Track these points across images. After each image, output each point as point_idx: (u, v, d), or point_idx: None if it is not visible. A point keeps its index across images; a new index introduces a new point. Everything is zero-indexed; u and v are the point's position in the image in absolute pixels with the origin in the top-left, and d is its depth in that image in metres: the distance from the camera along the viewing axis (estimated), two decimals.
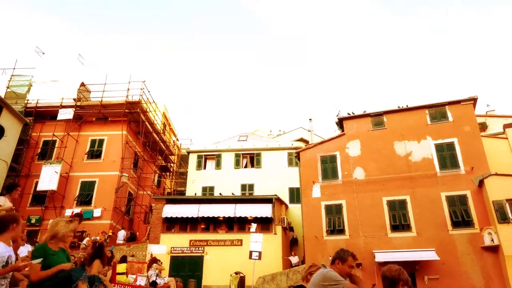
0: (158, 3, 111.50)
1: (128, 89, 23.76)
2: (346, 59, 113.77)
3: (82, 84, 25.58)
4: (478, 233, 15.99)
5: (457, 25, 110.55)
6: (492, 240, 15.43)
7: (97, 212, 21.16)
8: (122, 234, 20.40)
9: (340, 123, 20.84)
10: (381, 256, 16.20)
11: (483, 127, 22.11)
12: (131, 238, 21.00)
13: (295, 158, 23.24)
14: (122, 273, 10.82)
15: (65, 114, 23.05)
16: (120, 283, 9.41)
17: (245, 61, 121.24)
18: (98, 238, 17.90)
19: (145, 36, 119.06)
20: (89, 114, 23.68)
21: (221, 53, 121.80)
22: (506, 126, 19.68)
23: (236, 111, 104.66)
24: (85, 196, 21.96)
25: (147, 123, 24.59)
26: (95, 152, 23.29)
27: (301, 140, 30.20)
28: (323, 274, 3.35)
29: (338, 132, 21.53)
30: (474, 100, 18.67)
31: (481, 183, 16.37)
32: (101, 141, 23.53)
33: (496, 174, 16.23)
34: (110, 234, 20.27)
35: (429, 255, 15.97)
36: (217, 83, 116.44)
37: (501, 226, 15.21)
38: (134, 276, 11.39)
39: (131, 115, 23.72)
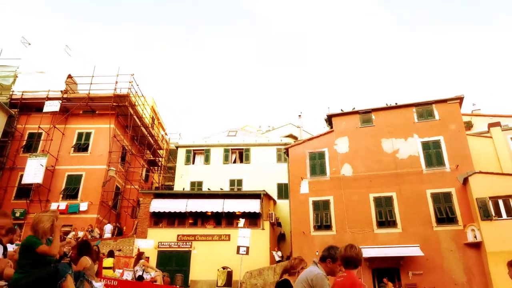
0: None
1: (117, 82, 23.45)
2: (336, 56, 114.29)
3: (69, 76, 25.14)
4: (461, 230, 16.34)
5: (445, 26, 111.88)
6: (475, 237, 15.79)
7: (83, 206, 20.92)
8: (109, 228, 20.23)
9: (329, 119, 20.99)
10: (367, 252, 16.42)
11: (469, 125, 22.52)
12: (118, 233, 20.84)
13: (284, 154, 23.33)
14: (109, 268, 10.75)
15: (51, 106, 22.65)
16: (106, 277, 9.35)
17: (236, 56, 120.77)
18: (81, 232, 17.71)
19: (135, 29, 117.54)
20: (76, 106, 23.32)
21: (211, 48, 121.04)
22: (490, 125, 20.09)
23: (225, 106, 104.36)
24: (71, 189, 21.68)
25: (135, 116, 24.33)
26: (82, 146, 22.96)
27: (290, 136, 30.31)
28: (315, 275, 3.30)
29: (327, 128, 21.67)
30: (460, 99, 18.99)
31: (465, 181, 16.71)
32: (88, 134, 23.21)
33: (480, 172, 16.57)
34: (96, 228, 20.09)
35: (413, 251, 16.27)
36: (207, 78, 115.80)
37: (484, 223, 15.57)
38: (120, 271, 11.33)
39: (119, 108, 23.44)
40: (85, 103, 23.08)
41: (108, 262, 10.76)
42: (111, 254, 10.84)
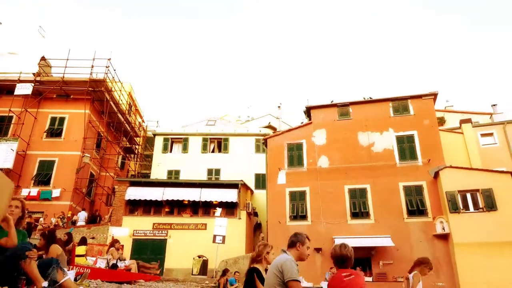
0: None
1: (92, 66, 22.79)
2: (316, 49, 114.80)
3: (43, 58, 24.20)
4: (431, 222, 16.95)
5: (425, 24, 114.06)
6: (443, 229, 16.42)
7: (56, 193, 20.40)
8: (83, 215, 19.84)
9: (308, 111, 21.16)
10: (340, 242, 16.81)
11: (442, 121, 23.23)
12: (93, 220, 20.48)
13: (262, 144, 23.42)
14: (81, 255, 10.61)
15: (23, 89, 21.81)
16: (78, 265, 9.23)
17: (217, 46, 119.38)
18: (53, 220, 17.33)
19: (112, 13, 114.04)
20: (50, 90, 22.54)
21: (192, 37, 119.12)
22: (462, 121, 20.80)
23: (205, 95, 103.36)
24: (44, 175, 21.07)
25: (111, 102, 23.76)
26: (55, 131, 22.29)
27: (269, 127, 30.40)
28: (283, 261, 3.33)
29: (306, 120, 21.86)
30: (434, 96, 19.52)
31: (436, 175, 17.29)
32: (62, 119, 22.53)
33: (451, 167, 17.19)
34: (69, 215, 19.68)
35: (385, 241, 16.78)
36: (187, 67, 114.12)
37: (452, 216, 16.21)
38: (94, 259, 11.20)
39: (95, 93, 22.83)
40: (59, 87, 22.35)
41: (80, 249, 10.62)
42: (83, 241, 10.68)
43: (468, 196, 16.42)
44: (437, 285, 16.02)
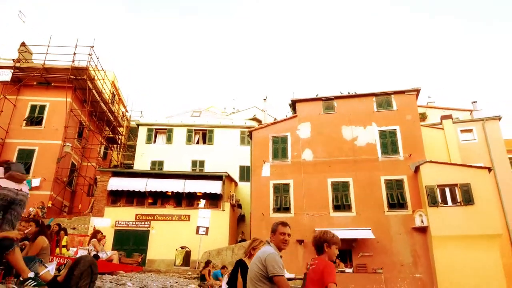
0: None
1: (75, 54, 22.22)
2: (303, 43, 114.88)
3: (23, 44, 23.45)
4: (410, 215, 17.37)
5: (410, 22, 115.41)
6: (422, 222, 16.85)
7: (35, 182, 19.95)
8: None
9: (293, 105, 21.25)
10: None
11: (423, 117, 23.68)
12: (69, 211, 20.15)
13: (247, 136, 23.43)
14: (62, 246, 10.48)
15: (2, 76, 21.14)
16: (59, 256, 9.12)
17: (203, 37, 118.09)
18: (32, 209, 17.01)
19: (96, 0, 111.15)
20: (30, 77, 21.89)
21: (178, 26, 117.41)
22: (443, 117, 21.26)
23: (190, 86, 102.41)
24: (23, 165, 20.57)
25: (94, 91, 23.28)
26: (35, 119, 21.73)
27: (255, 119, 30.39)
28: (267, 255, 3.32)
29: (291, 113, 21.95)
30: (417, 91, 19.85)
31: (416, 169, 17.67)
32: (42, 107, 21.97)
33: (431, 162, 17.59)
34: (50, 205, 19.34)
35: (365, 233, 17.13)
36: (172, 57, 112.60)
37: (431, 209, 16.63)
38: (75, 249, 11.08)
39: (77, 81, 22.31)
40: (40, 74, 21.75)
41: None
42: (64, 232, 10.54)
43: (447, 190, 16.86)
44: (415, 277, 16.50)
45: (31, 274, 3.72)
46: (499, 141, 20.12)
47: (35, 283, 3.77)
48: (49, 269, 4.35)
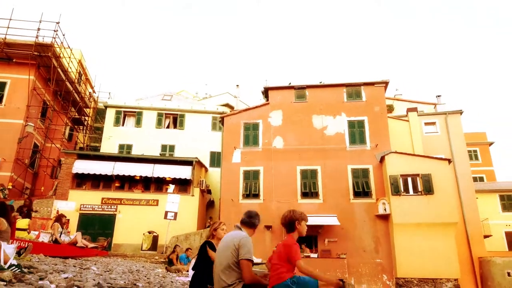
0: None
1: (39, 29, 21.05)
2: (277, 31, 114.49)
3: None
4: (374, 203, 18.04)
5: (381, 17, 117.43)
6: (385, 210, 17.55)
7: None
8: None
9: (266, 92, 21.29)
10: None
11: (390, 109, 24.44)
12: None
13: (219, 122, 23.31)
14: (23, 229, 10.14)
15: None
16: (20, 239, 8.82)
17: (177, 20, 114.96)
18: None
19: None
20: None
21: (150, 8, 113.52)
22: (409, 110, 22.00)
23: (162, 69, 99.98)
24: None
25: (59, 69, 22.23)
26: None
27: (227, 105, 30.24)
28: (242, 237, 3.44)
29: (263, 101, 22.00)
30: (386, 84, 20.40)
31: (382, 159, 18.30)
32: (2, 84, 20.78)
33: (396, 152, 18.26)
34: (10, 187, 18.54)
35: (331, 220, 17.65)
36: (143, 39, 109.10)
37: (393, 198, 17.34)
38: (36, 233, 10.74)
39: (41, 59, 21.22)
40: (0, 49, 20.50)
41: (22, 223, 10.15)
42: (26, 214, 10.18)
43: (409, 180, 17.59)
44: (376, 262, 17.25)
45: (14, 261, 3.64)
46: (459, 134, 21.10)
47: (18, 269, 3.73)
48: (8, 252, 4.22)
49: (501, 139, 69.55)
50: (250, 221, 3.76)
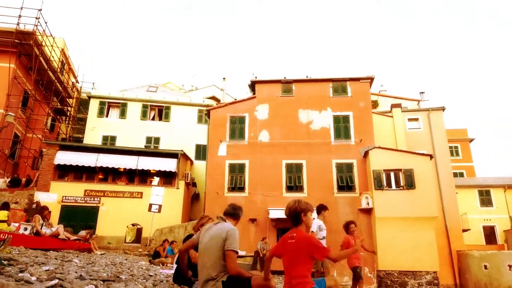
0: None
1: (20, 16, 20.46)
2: (264, 24, 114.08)
3: None
4: (357, 197, 18.31)
5: (368, 13, 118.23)
6: (368, 204, 17.85)
7: None
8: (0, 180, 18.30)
9: (253, 86, 21.26)
10: (274, 213, 17.59)
11: (375, 104, 24.73)
12: (15, 183, 18.96)
13: (205, 115, 23.19)
14: (3, 221, 9.93)
15: None
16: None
17: (164, 11, 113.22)
18: None
19: None
20: None
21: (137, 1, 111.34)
22: (393, 106, 22.33)
23: (148, 60, 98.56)
24: None
25: (41, 58, 21.68)
26: None
27: (213, 98, 30.06)
28: (229, 229, 3.46)
29: (250, 94, 21.97)
30: (371, 79, 20.62)
31: (366, 154, 18.56)
32: None
33: (379, 147, 18.53)
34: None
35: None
36: (129, 30, 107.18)
37: (376, 192, 17.63)
38: (17, 225, 10.53)
39: (22, 47, 20.64)
40: None
41: (1, 214, 9.94)
42: (5, 206, 9.98)
43: (392, 175, 17.91)
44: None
45: None
46: (441, 131, 21.54)
47: None
48: None
49: (481, 136, 71.38)
50: (235, 212, 3.79)
